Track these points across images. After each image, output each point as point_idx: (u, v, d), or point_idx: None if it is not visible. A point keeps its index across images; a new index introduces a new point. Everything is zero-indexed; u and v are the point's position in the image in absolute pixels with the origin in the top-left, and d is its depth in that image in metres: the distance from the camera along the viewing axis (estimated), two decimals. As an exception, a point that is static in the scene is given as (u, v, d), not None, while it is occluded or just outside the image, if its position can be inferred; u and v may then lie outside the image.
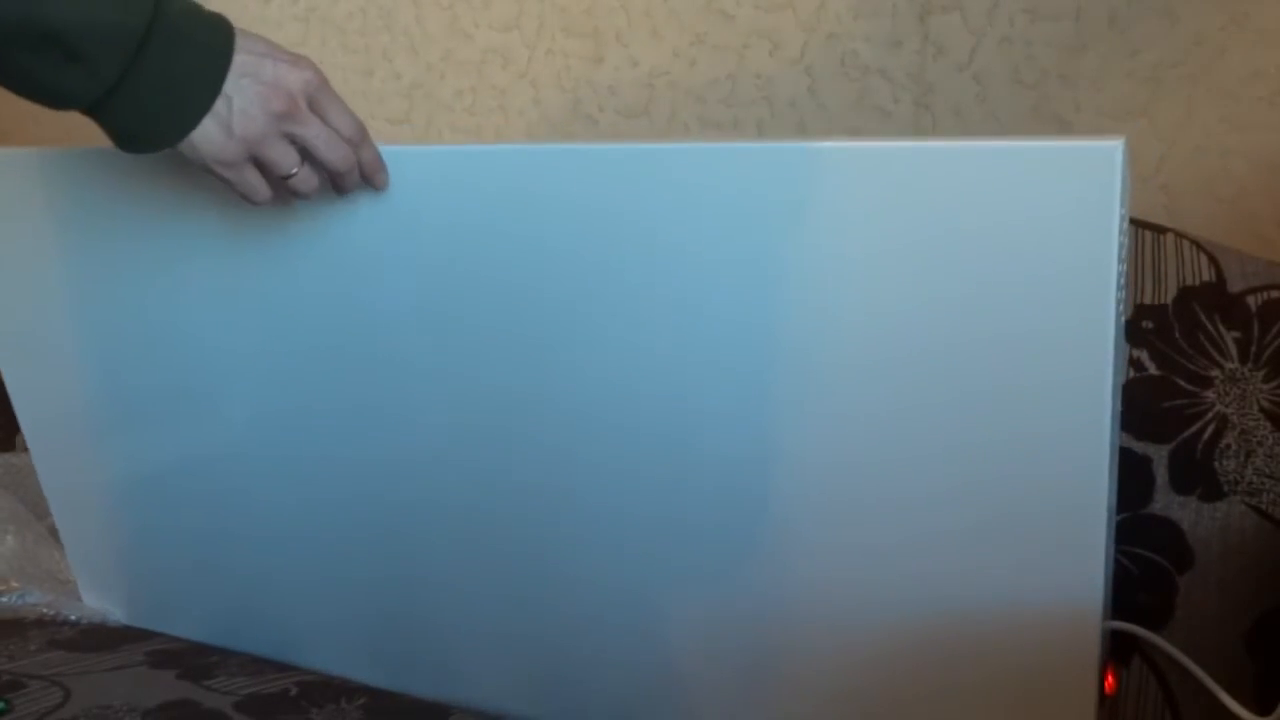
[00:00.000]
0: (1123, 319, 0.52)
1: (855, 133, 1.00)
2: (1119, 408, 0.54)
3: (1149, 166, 0.89)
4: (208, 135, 0.57)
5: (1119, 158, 0.48)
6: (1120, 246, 0.49)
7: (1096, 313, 0.50)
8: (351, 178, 0.63)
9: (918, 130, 0.98)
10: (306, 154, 0.61)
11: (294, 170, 0.61)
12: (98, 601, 0.91)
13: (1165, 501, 0.72)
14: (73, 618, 0.90)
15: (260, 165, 0.60)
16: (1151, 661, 0.71)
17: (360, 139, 0.63)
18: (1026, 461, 0.54)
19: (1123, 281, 0.51)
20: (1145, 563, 0.72)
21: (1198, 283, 0.76)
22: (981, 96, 0.95)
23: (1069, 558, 0.55)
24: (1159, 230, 0.80)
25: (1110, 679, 0.61)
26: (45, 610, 0.90)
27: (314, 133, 0.60)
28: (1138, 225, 0.80)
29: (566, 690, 0.72)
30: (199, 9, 0.58)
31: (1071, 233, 0.49)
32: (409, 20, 1.25)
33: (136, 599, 0.90)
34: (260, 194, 0.61)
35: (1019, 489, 0.54)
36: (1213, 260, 0.77)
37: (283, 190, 0.62)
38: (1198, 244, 0.78)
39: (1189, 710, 0.70)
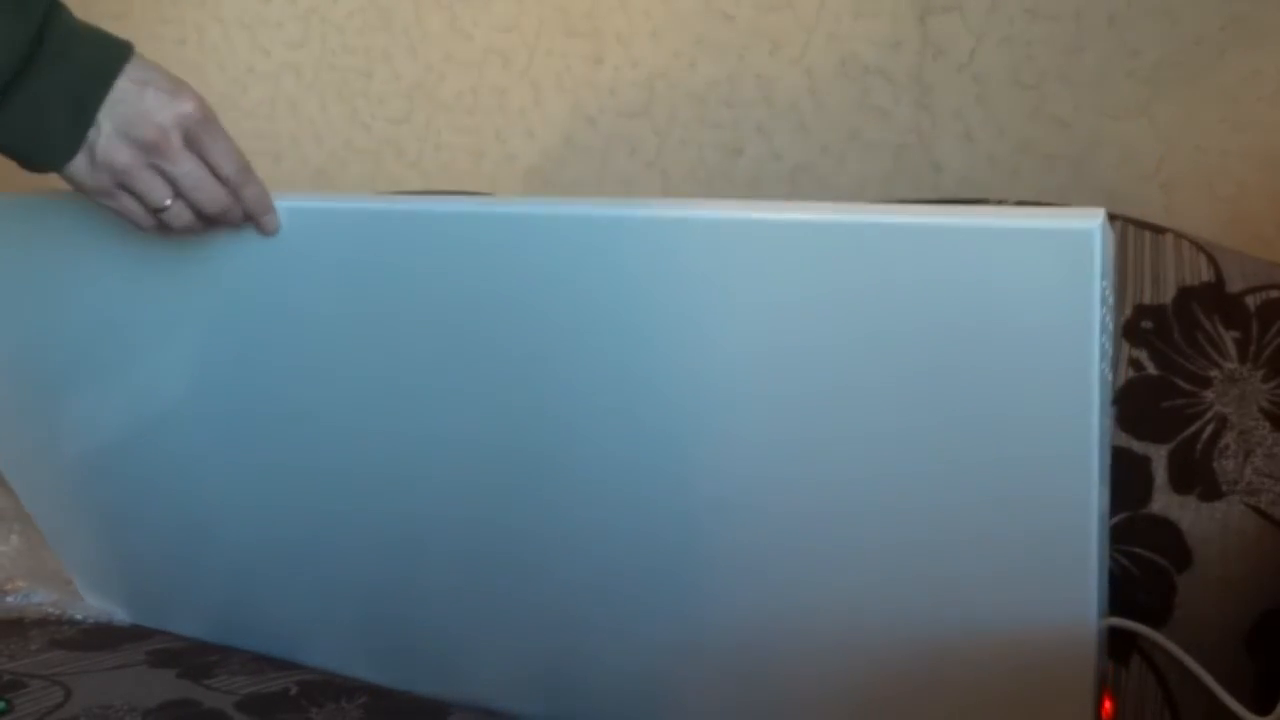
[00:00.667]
0: (1109, 388, 0.51)
1: (855, 133, 1.01)
2: (1108, 467, 0.53)
3: (1149, 166, 0.89)
4: (76, 163, 0.58)
5: (1097, 240, 0.46)
6: (1102, 318, 0.48)
7: (1080, 387, 0.49)
8: (230, 217, 0.62)
9: (918, 130, 0.98)
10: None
11: (165, 204, 0.59)
12: (99, 602, 0.91)
13: (1165, 501, 0.72)
14: (78, 617, 0.90)
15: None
16: (1151, 661, 0.71)
17: (242, 180, 0.61)
18: (1016, 513, 0.53)
19: (1107, 351, 0.49)
20: (1145, 563, 0.72)
21: (1197, 283, 0.76)
22: (981, 97, 0.95)
23: (1060, 607, 0.55)
24: (1158, 230, 0.80)
25: (1108, 703, 0.61)
26: (51, 610, 0.90)
27: (183, 170, 0.59)
28: (1138, 225, 0.80)
29: (566, 687, 0.73)
30: (91, 35, 0.58)
31: (1051, 310, 0.48)
32: (409, 20, 1.25)
33: (136, 600, 0.90)
34: (143, 221, 0.60)
35: (1011, 534, 0.54)
36: (1212, 260, 0.77)
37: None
38: (1197, 244, 0.78)
39: (1189, 710, 0.70)
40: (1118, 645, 0.71)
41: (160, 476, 0.79)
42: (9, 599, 0.90)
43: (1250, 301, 0.75)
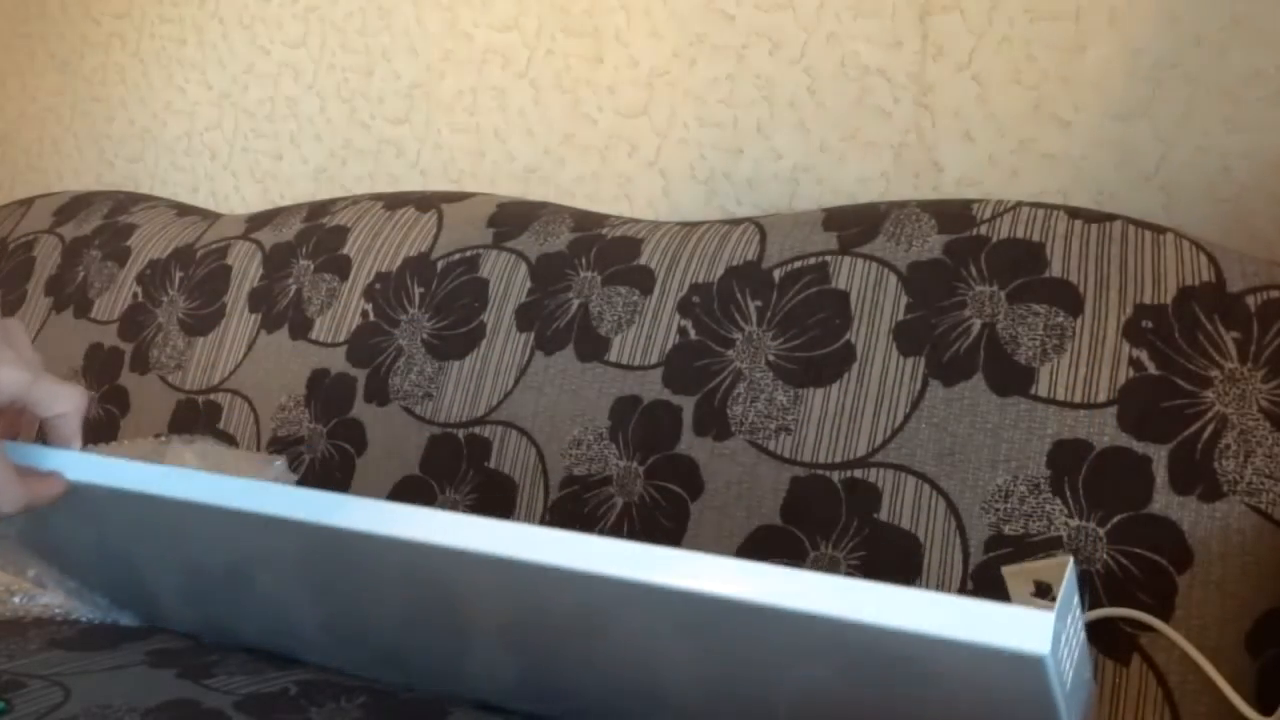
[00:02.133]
0: None
1: (855, 133, 1.01)
2: None
3: (1149, 166, 0.89)
4: None
5: (1049, 665, 0.41)
6: (1067, 697, 0.43)
7: None
8: None
9: (918, 130, 0.98)
10: None
11: None
12: (100, 608, 0.91)
13: (1165, 501, 0.72)
14: (83, 619, 0.90)
15: None
16: (1151, 661, 0.71)
17: (25, 509, 0.55)
18: None
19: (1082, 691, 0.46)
20: (1145, 563, 0.72)
21: (1197, 283, 0.76)
22: (981, 96, 0.95)
23: None
24: (1159, 230, 0.80)
25: None
26: (57, 610, 0.90)
27: None
28: (1138, 225, 0.80)
29: (568, 686, 0.72)
30: None
31: (1011, 700, 0.43)
32: (409, 20, 1.25)
33: (134, 607, 0.90)
34: None
35: None
36: (1212, 260, 0.77)
37: None
38: (1197, 244, 0.78)
39: (1189, 711, 0.70)
40: (1118, 645, 0.71)
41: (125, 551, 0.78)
42: (15, 599, 0.89)
43: (1250, 301, 0.75)
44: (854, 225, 0.89)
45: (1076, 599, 0.44)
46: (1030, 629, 0.41)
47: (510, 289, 0.98)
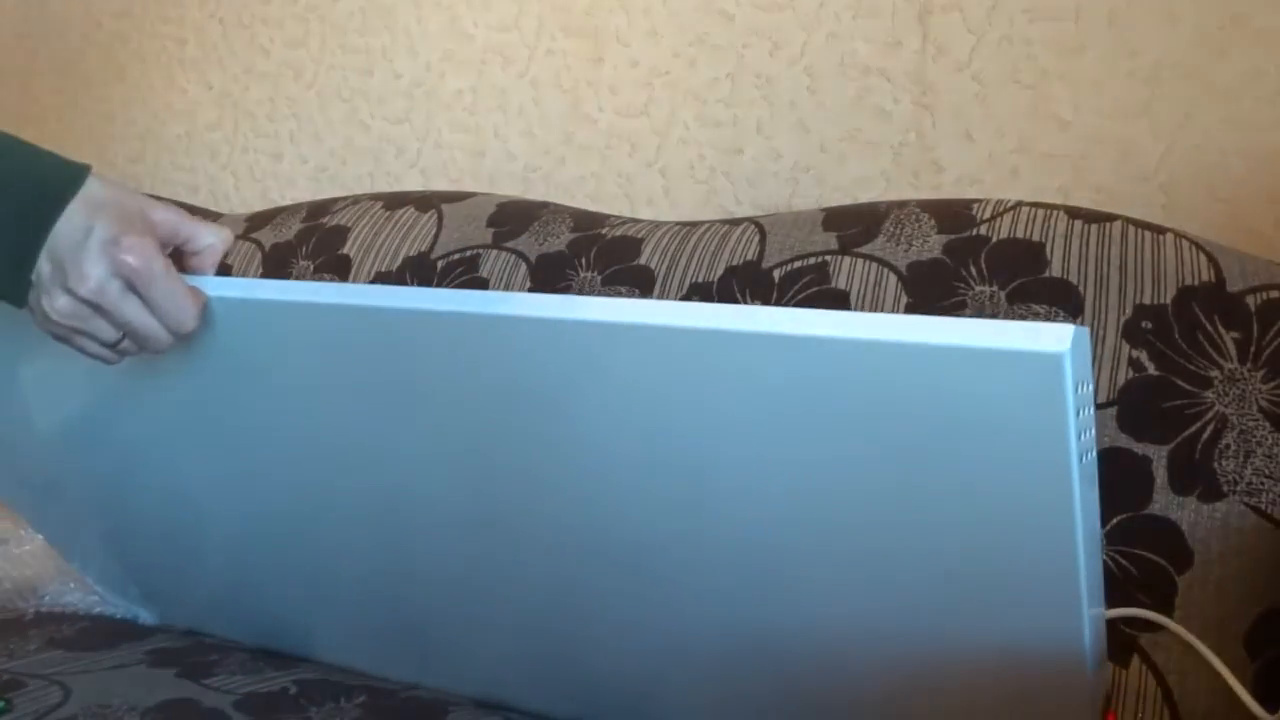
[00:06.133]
0: (1094, 484, 0.48)
1: (855, 132, 1.01)
2: (1098, 556, 0.51)
3: (1149, 166, 0.89)
4: (32, 309, 0.57)
5: (1067, 362, 0.43)
6: (1079, 423, 0.45)
7: (1058, 496, 0.46)
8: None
9: (918, 130, 0.98)
10: None
11: (116, 339, 0.58)
12: (120, 602, 0.92)
13: (1165, 501, 0.72)
14: (105, 613, 0.91)
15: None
16: (1151, 661, 0.71)
17: (185, 328, 0.58)
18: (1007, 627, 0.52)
19: (1089, 449, 0.47)
20: (1145, 563, 0.72)
21: (1197, 283, 0.76)
22: (981, 96, 0.95)
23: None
24: (1159, 230, 0.80)
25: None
26: (79, 607, 0.91)
27: (124, 319, 0.56)
28: (1138, 225, 0.80)
29: (570, 681, 0.72)
30: (38, 164, 0.56)
31: (1025, 421, 0.45)
32: (409, 20, 1.25)
33: (153, 600, 0.90)
34: (108, 359, 0.59)
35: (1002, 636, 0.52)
36: (1212, 260, 0.77)
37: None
38: (1197, 244, 0.78)
39: (1189, 710, 0.70)
40: (1118, 645, 0.71)
41: (163, 491, 0.78)
42: (45, 598, 0.90)
43: (1250, 301, 0.75)
44: (854, 225, 0.89)
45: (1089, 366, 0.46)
46: (1052, 336, 0.43)
47: (510, 289, 0.98)
